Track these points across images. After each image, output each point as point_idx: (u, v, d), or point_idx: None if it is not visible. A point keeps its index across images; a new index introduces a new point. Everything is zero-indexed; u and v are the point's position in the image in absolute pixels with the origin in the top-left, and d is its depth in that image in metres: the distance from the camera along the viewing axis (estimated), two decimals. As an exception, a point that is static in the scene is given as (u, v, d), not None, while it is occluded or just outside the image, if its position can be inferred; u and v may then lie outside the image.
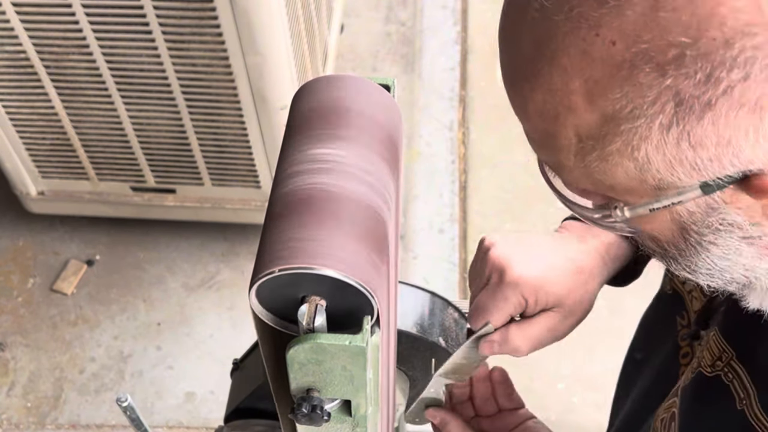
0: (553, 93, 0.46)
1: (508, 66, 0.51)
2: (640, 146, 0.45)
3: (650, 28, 0.42)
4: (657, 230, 0.52)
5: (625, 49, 0.43)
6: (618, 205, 0.51)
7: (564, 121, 0.47)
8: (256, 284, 0.48)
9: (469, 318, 0.85)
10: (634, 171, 0.47)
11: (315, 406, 0.52)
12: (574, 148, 0.48)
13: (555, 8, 0.45)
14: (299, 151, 0.53)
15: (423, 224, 2.32)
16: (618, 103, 0.44)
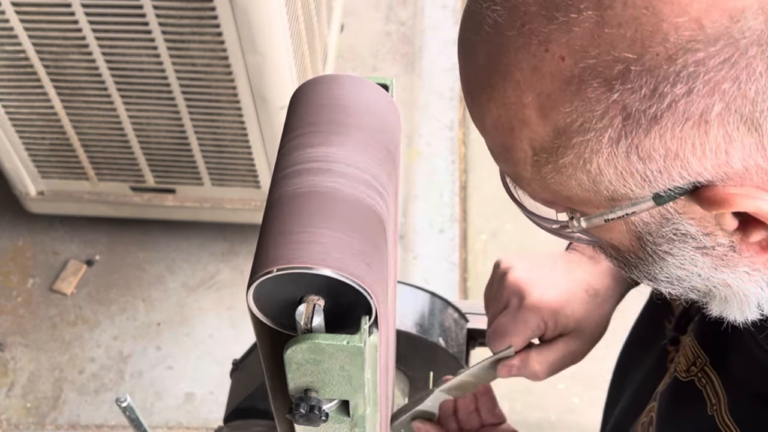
0: (508, 107, 0.47)
1: (465, 78, 0.51)
2: (592, 159, 0.46)
3: (597, 43, 0.42)
4: (616, 239, 0.53)
5: (573, 64, 0.43)
6: (575, 215, 0.52)
7: (519, 134, 0.48)
8: (253, 284, 0.48)
9: (488, 341, 0.86)
10: (587, 183, 0.48)
11: (313, 407, 0.52)
12: (530, 160, 0.49)
13: (507, 24, 0.45)
14: (297, 150, 0.53)
15: (423, 224, 2.32)
16: (569, 117, 0.45)
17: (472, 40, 0.49)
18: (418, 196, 2.38)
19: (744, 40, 0.40)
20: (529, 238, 2.31)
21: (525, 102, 0.46)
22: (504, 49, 0.46)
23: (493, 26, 0.46)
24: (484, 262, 2.27)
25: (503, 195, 0.59)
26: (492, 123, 0.49)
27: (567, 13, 0.43)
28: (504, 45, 0.46)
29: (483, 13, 0.47)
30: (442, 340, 1.02)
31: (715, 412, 0.64)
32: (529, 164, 0.49)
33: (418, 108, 2.57)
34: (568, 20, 0.43)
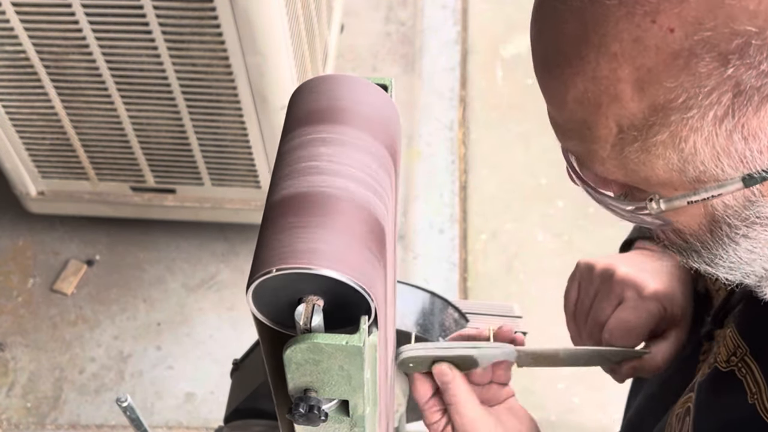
0: (598, 81, 0.45)
1: (545, 51, 0.49)
2: (689, 137, 0.44)
3: (714, 15, 0.40)
4: (683, 222, 0.52)
5: (684, 37, 0.41)
6: (654, 197, 0.50)
7: (606, 110, 0.46)
8: (253, 284, 0.48)
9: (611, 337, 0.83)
10: (676, 162, 0.46)
11: (312, 407, 0.52)
12: (612, 138, 0.47)
13: None
14: (296, 150, 0.53)
15: (423, 224, 2.32)
16: (671, 93, 0.43)
17: (558, 9, 0.46)
18: (418, 196, 2.38)
19: None
20: (529, 238, 2.31)
21: (620, 76, 0.44)
22: (601, 19, 0.43)
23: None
24: (484, 262, 2.27)
25: (503, 195, 0.58)
26: (575, 97, 0.47)
27: None
28: (602, 15, 0.43)
29: None
30: (442, 339, 1.02)
31: (755, 400, 0.63)
32: (610, 142, 0.47)
33: (418, 108, 2.56)
34: None
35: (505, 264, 2.26)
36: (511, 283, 2.22)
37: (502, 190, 2.38)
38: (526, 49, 2.70)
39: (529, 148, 2.47)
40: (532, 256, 2.26)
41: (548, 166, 2.42)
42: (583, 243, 2.26)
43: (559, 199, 2.35)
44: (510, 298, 2.15)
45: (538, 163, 2.43)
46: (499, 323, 1.12)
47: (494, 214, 2.35)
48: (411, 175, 2.41)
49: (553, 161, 2.45)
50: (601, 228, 2.26)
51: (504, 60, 2.70)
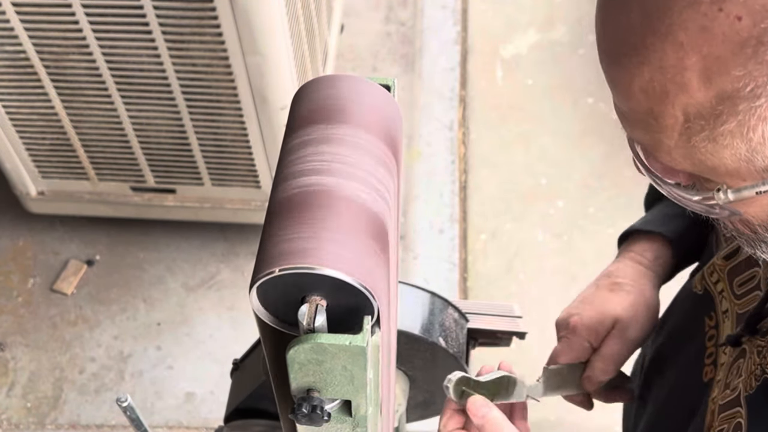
0: (665, 70, 0.45)
1: (610, 40, 0.48)
2: (758, 127, 0.44)
3: None
4: (752, 213, 0.51)
5: (752, 25, 0.41)
6: (721, 187, 0.50)
7: (673, 99, 0.45)
8: (256, 284, 0.48)
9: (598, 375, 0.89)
10: (744, 152, 0.46)
11: (315, 407, 0.52)
12: (679, 127, 0.47)
13: None
14: (299, 150, 0.53)
15: (423, 224, 2.32)
16: (739, 81, 0.43)
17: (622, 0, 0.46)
18: (418, 196, 2.38)
19: None
20: (529, 238, 2.31)
21: (687, 65, 0.43)
22: (667, 7, 0.43)
23: None
24: (484, 262, 2.27)
25: (503, 195, 0.58)
26: (641, 87, 0.46)
27: None
28: (667, 3, 0.43)
29: None
30: (442, 339, 1.02)
31: None
32: (677, 132, 0.47)
33: (418, 108, 2.56)
34: None
35: (505, 264, 2.26)
36: (511, 283, 2.22)
37: (502, 190, 2.38)
38: (526, 49, 2.71)
39: (529, 148, 2.47)
40: (532, 256, 2.26)
41: (548, 166, 2.42)
42: (583, 243, 2.26)
43: (559, 199, 2.35)
44: (510, 298, 2.15)
45: (538, 163, 2.43)
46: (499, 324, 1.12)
47: (494, 214, 2.35)
48: (411, 175, 2.41)
49: (553, 161, 2.45)
50: (601, 228, 2.26)
51: (504, 60, 2.70)
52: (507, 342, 1.12)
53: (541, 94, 2.59)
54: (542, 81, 2.61)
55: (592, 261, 2.20)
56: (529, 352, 1.30)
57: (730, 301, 0.76)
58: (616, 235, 1.00)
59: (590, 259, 2.20)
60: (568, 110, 2.51)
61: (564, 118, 2.50)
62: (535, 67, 2.64)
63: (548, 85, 2.59)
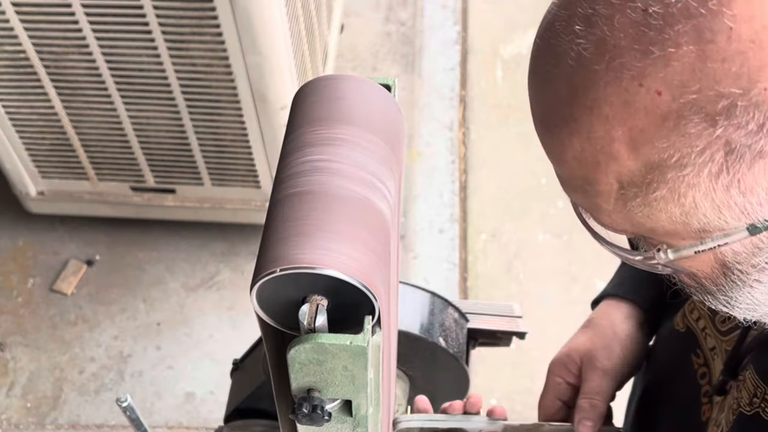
0: (593, 141, 0.46)
1: (542, 111, 0.50)
2: (687, 193, 0.45)
3: (698, 78, 0.41)
4: (696, 267, 0.52)
5: (671, 99, 0.42)
6: (661, 247, 0.51)
7: (605, 168, 0.47)
8: (257, 284, 0.48)
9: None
10: (678, 216, 0.47)
11: (316, 406, 0.52)
12: (614, 194, 0.48)
13: (594, 58, 0.44)
14: (300, 150, 0.53)
15: (423, 224, 2.32)
16: (664, 152, 0.44)
17: (551, 73, 0.47)
18: (418, 196, 2.38)
19: None
20: (529, 238, 2.31)
21: (614, 136, 0.45)
22: (591, 83, 0.44)
23: (577, 59, 0.45)
24: (484, 262, 2.27)
25: (503, 195, 0.59)
26: (573, 156, 0.48)
27: (664, 47, 0.42)
28: (591, 79, 0.44)
29: (563, 46, 0.46)
30: (442, 339, 1.02)
31: None
32: (613, 197, 0.48)
33: (418, 108, 2.56)
34: (665, 54, 0.42)
35: (505, 264, 2.26)
36: (511, 283, 2.22)
37: (502, 190, 2.38)
38: (526, 48, 2.71)
39: (529, 148, 2.46)
40: (532, 256, 2.26)
41: (548, 166, 2.40)
42: (583, 243, 2.25)
43: (559, 199, 2.35)
44: (510, 298, 2.15)
45: (538, 163, 2.41)
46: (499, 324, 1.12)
47: (494, 214, 2.35)
48: (411, 175, 2.41)
49: (552, 161, 2.45)
50: (601, 228, 2.26)
51: (504, 60, 2.70)
52: (507, 342, 1.12)
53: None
54: (542, 81, 2.61)
55: (592, 261, 2.20)
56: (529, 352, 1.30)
57: (716, 338, 0.76)
58: (616, 235, 0.99)
59: (590, 259, 2.20)
60: (568, 110, 2.50)
61: (564, 118, 2.49)
62: (535, 67, 2.64)
63: (548, 85, 2.59)
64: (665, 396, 0.86)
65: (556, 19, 0.47)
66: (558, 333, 1.04)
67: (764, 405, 0.66)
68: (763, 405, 0.66)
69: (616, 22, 0.43)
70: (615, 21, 0.43)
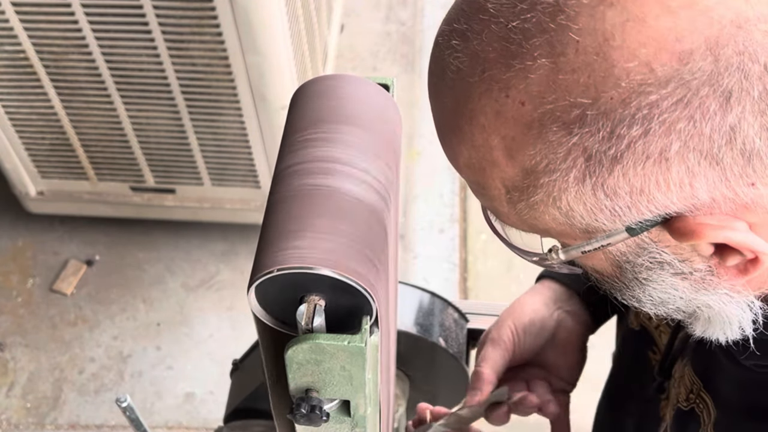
0: (477, 149, 0.48)
1: (435, 120, 0.52)
2: (561, 197, 0.47)
3: (553, 89, 0.43)
4: (598, 266, 0.54)
5: (533, 109, 0.44)
6: (553, 248, 0.53)
7: (490, 173, 0.49)
8: (254, 284, 0.48)
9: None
10: (560, 218, 0.49)
11: (314, 407, 0.52)
12: (504, 197, 0.50)
13: (469, 70, 0.46)
14: (298, 151, 0.53)
15: (423, 224, 2.32)
16: (533, 158, 0.46)
17: (438, 85, 0.50)
18: (418, 196, 2.38)
19: (695, 80, 0.41)
20: (529, 238, 2.31)
21: (492, 144, 0.47)
22: (468, 94, 0.47)
23: (456, 72, 0.47)
24: (484, 262, 2.27)
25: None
26: (464, 163, 0.50)
27: (522, 60, 0.44)
28: (467, 90, 0.47)
29: (446, 59, 0.48)
30: (442, 340, 1.02)
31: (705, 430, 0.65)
32: (504, 201, 0.50)
33: (418, 108, 2.56)
34: (524, 67, 0.44)
35: (505, 264, 2.26)
36: (511, 283, 2.22)
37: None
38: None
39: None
40: (532, 256, 2.26)
41: (548, 166, 2.41)
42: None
43: (559, 199, 2.35)
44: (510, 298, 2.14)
45: (538, 163, 2.43)
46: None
47: (494, 214, 2.34)
48: (411, 175, 2.41)
49: (553, 161, 2.45)
50: (601, 228, 2.26)
51: (504, 60, 2.70)
52: (507, 342, 1.12)
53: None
54: (542, 81, 2.61)
55: (592, 261, 2.20)
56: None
57: (668, 334, 0.77)
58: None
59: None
60: (568, 110, 2.50)
61: (564, 118, 2.49)
62: (535, 67, 2.64)
63: (548, 85, 2.59)
64: (628, 393, 0.87)
65: (441, 35, 0.49)
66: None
67: (698, 401, 0.68)
68: (698, 401, 0.68)
69: (485, 36, 0.45)
70: (484, 35, 0.45)
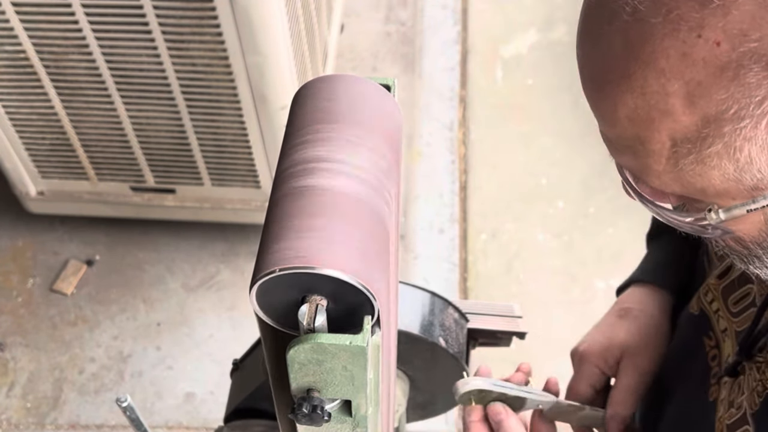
0: (648, 97, 0.46)
1: (592, 69, 0.50)
2: (743, 147, 0.45)
3: (759, 26, 0.41)
4: (744, 230, 0.52)
5: (731, 49, 0.42)
6: (712, 207, 0.50)
7: (658, 125, 0.46)
8: (256, 284, 0.48)
9: None
10: (732, 172, 0.47)
11: (315, 407, 0.52)
12: (666, 152, 0.48)
13: (651, 11, 0.44)
14: (299, 151, 0.53)
15: (423, 224, 2.32)
16: (723, 104, 0.44)
17: (603, 30, 0.47)
18: (418, 196, 2.38)
19: None
20: (529, 238, 2.31)
21: (669, 91, 0.45)
22: (647, 36, 0.44)
23: (632, 14, 0.45)
24: (484, 262, 2.27)
25: (503, 195, 0.58)
26: (626, 114, 0.47)
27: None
28: (647, 32, 0.44)
29: (618, 2, 0.46)
30: (442, 340, 1.02)
31: None
32: (665, 156, 0.48)
33: (418, 108, 2.56)
34: (725, 4, 0.41)
35: (505, 264, 2.26)
36: (511, 283, 2.22)
37: (502, 190, 2.38)
38: (526, 49, 2.71)
39: (529, 148, 2.47)
40: (532, 256, 2.26)
41: (548, 166, 2.42)
42: (583, 243, 2.26)
43: (559, 199, 2.35)
44: (510, 298, 2.15)
45: (538, 163, 2.43)
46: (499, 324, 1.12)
47: (494, 214, 2.35)
48: (411, 175, 2.41)
49: (553, 161, 2.45)
50: (601, 228, 2.26)
51: (504, 60, 2.70)
52: (507, 342, 1.12)
53: (541, 94, 2.59)
54: (542, 81, 2.61)
55: (592, 261, 2.21)
56: (528, 352, 1.30)
57: (728, 320, 0.76)
58: (616, 235, 1.00)
59: (590, 259, 2.20)
60: (568, 110, 2.51)
61: (564, 118, 2.50)
62: (535, 67, 2.64)
63: (548, 85, 2.59)
64: (676, 377, 0.86)
65: None
66: (558, 333, 1.04)
67: None
68: None
69: None
70: None
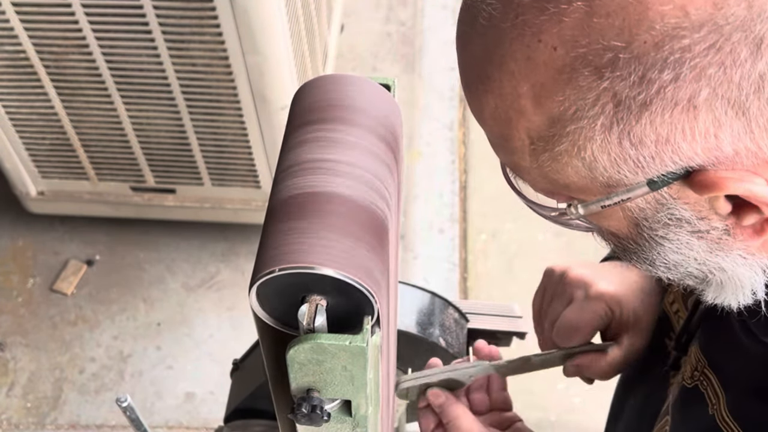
0: (504, 97, 0.48)
1: (463, 71, 0.52)
2: (586, 146, 0.47)
3: (586, 33, 0.44)
4: (614, 227, 0.54)
5: (565, 54, 0.45)
6: (572, 203, 0.53)
7: (516, 124, 0.49)
8: (256, 284, 0.48)
9: (557, 336, 0.86)
10: (583, 170, 0.49)
11: (315, 407, 0.52)
12: (527, 149, 0.50)
13: (502, 16, 0.47)
14: (299, 150, 0.53)
15: (423, 224, 2.32)
16: (562, 105, 0.46)
17: (468, 33, 0.50)
18: (418, 196, 2.38)
19: (728, 26, 0.41)
20: (529, 238, 2.31)
21: (520, 92, 0.47)
22: (499, 40, 0.47)
23: (488, 19, 0.47)
24: (484, 262, 2.27)
25: (503, 195, 0.60)
26: (490, 114, 0.50)
27: (557, 4, 0.44)
28: (499, 36, 0.47)
29: (478, 6, 0.49)
30: (442, 340, 1.02)
31: (714, 411, 0.65)
32: (527, 153, 0.50)
33: (418, 108, 2.56)
34: (559, 11, 0.44)
35: (505, 264, 2.26)
36: (511, 283, 2.22)
37: (502, 190, 2.36)
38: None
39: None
40: (532, 256, 2.26)
41: (548, 166, 2.41)
42: (583, 243, 2.25)
43: (559, 199, 2.35)
44: (510, 298, 2.14)
45: (538, 163, 2.42)
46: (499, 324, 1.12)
47: (494, 214, 2.35)
48: (411, 175, 2.41)
49: (552, 161, 2.45)
50: (601, 228, 2.26)
51: (504, 60, 2.70)
52: (507, 342, 1.13)
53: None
54: (542, 81, 2.61)
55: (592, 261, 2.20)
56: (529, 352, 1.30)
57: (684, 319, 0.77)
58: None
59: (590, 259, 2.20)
60: (568, 110, 2.50)
61: (564, 118, 2.49)
62: (535, 67, 2.64)
63: (548, 85, 2.59)
64: (640, 378, 0.87)
65: None
66: (558, 333, 1.03)
67: (702, 378, 0.68)
68: (701, 378, 0.68)
69: None
70: None
